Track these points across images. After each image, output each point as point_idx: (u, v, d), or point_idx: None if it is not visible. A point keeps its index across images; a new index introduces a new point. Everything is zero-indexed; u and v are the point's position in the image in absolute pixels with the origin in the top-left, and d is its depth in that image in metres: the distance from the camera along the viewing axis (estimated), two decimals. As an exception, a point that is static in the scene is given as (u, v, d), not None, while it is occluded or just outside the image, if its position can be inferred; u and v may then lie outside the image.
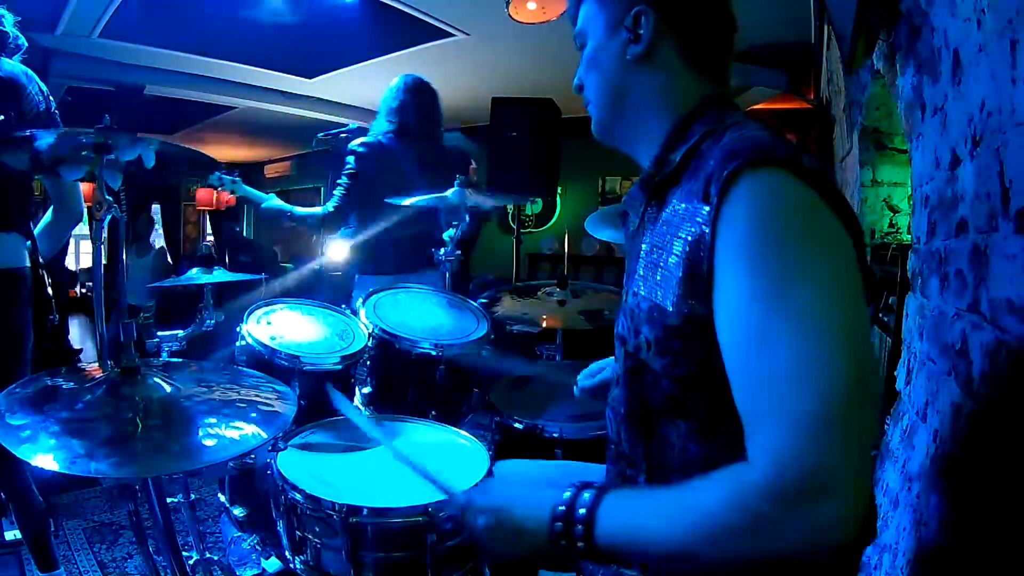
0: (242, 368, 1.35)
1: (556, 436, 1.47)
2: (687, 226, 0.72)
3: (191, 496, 1.59)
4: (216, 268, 1.73)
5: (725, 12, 0.85)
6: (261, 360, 1.51)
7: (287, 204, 2.48)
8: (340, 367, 1.59)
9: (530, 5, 3.33)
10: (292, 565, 1.18)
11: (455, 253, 2.02)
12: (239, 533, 1.52)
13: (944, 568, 0.94)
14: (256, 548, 1.46)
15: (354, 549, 1.07)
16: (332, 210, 2.37)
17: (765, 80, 3.73)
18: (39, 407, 0.94)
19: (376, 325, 1.68)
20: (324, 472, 1.20)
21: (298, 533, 1.13)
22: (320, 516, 1.09)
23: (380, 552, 1.08)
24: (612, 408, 0.89)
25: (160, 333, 1.47)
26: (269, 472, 1.21)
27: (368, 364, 1.69)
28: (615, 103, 0.87)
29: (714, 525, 0.60)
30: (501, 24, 3.56)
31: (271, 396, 1.11)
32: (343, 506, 1.06)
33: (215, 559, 1.55)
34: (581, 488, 0.71)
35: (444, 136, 2.58)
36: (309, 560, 1.14)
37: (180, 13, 3.83)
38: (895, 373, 1.44)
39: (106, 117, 1.23)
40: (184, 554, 1.32)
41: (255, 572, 1.55)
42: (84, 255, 7.88)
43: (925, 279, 1.24)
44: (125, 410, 0.96)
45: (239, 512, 1.50)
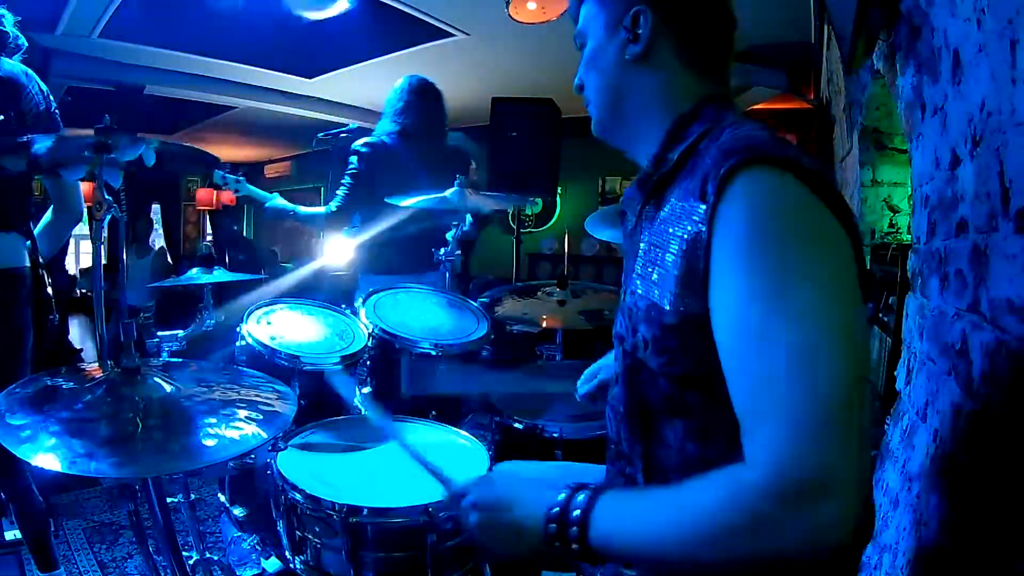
0: (242, 368, 1.35)
1: (556, 436, 1.47)
2: (684, 224, 0.72)
3: (191, 496, 1.59)
4: (216, 268, 1.73)
5: (725, 12, 0.84)
6: (261, 360, 1.51)
7: (291, 204, 2.48)
8: (340, 367, 1.59)
9: (530, 5, 3.33)
10: (292, 565, 1.18)
11: (455, 253, 2.02)
12: (239, 533, 1.52)
13: (944, 568, 0.94)
14: (256, 548, 1.46)
15: (354, 549, 1.07)
16: (335, 210, 2.36)
17: (765, 80, 3.73)
18: (39, 407, 0.94)
19: (376, 325, 1.68)
20: (324, 472, 1.20)
21: (298, 533, 1.13)
22: (320, 516, 1.09)
23: (380, 552, 1.08)
24: (611, 407, 0.89)
25: (160, 333, 1.47)
26: (269, 472, 1.21)
27: (368, 364, 1.69)
28: (614, 103, 0.87)
29: (711, 525, 0.60)
30: (501, 24, 3.56)
31: (271, 396, 1.11)
32: (343, 506, 1.06)
33: (215, 559, 1.55)
34: (576, 490, 0.70)
35: (449, 136, 2.58)
36: (309, 560, 1.14)
37: (180, 13, 3.83)
38: (895, 373, 1.44)
39: (106, 117, 1.22)
40: (184, 554, 1.32)
41: (255, 572, 1.55)
42: (84, 255, 7.89)
43: (925, 279, 1.24)
44: (125, 410, 0.96)
45: (239, 512, 1.50)
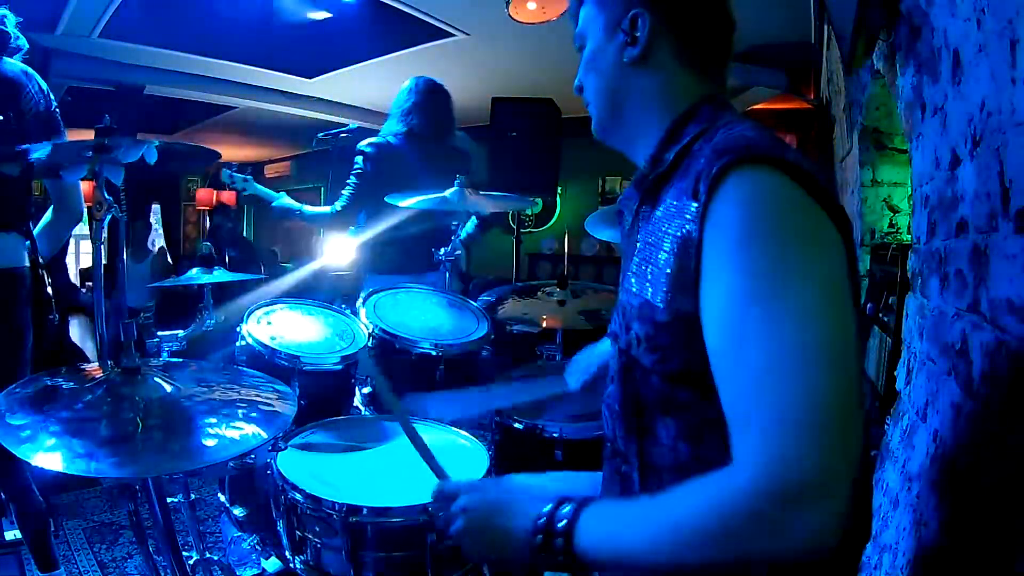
0: (242, 368, 1.35)
1: (556, 436, 1.47)
2: (676, 223, 0.72)
3: (191, 496, 1.59)
4: (216, 268, 1.73)
5: (723, 13, 0.84)
6: (261, 360, 1.51)
7: (297, 203, 2.50)
8: (340, 367, 1.59)
9: (530, 5, 3.33)
10: (292, 565, 1.18)
11: (455, 253, 2.02)
12: (239, 533, 1.52)
13: (944, 568, 0.94)
14: (256, 548, 1.46)
15: (354, 549, 1.07)
16: (340, 209, 2.38)
17: (765, 80, 3.72)
18: (39, 407, 0.94)
19: (376, 325, 1.68)
20: (324, 472, 1.20)
21: (298, 533, 1.13)
22: (320, 516, 1.09)
23: (380, 552, 1.08)
24: (607, 405, 0.89)
25: (160, 333, 1.47)
26: (269, 472, 1.21)
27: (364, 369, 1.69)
28: (613, 104, 0.87)
29: (698, 530, 0.59)
30: (501, 24, 3.56)
31: (271, 396, 1.11)
32: (343, 506, 1.06)
33: (215, 559, 1.55)
34: (560, 502, 0.70)
35: (458, 137, 2.59)
36: (309, 560, 1.14)
37: (180, 13, 3.83)
38: (895, 373, 1.44)
39: (106, 117, 1.22)
40: (184, 554, 1.32)
41: (255, 572, 1.55)
42: (84, 255, 7.89)
43: (925, 279, 1.24)
44: (125, 410, 0.96)
45: (239, 512, 1.50)
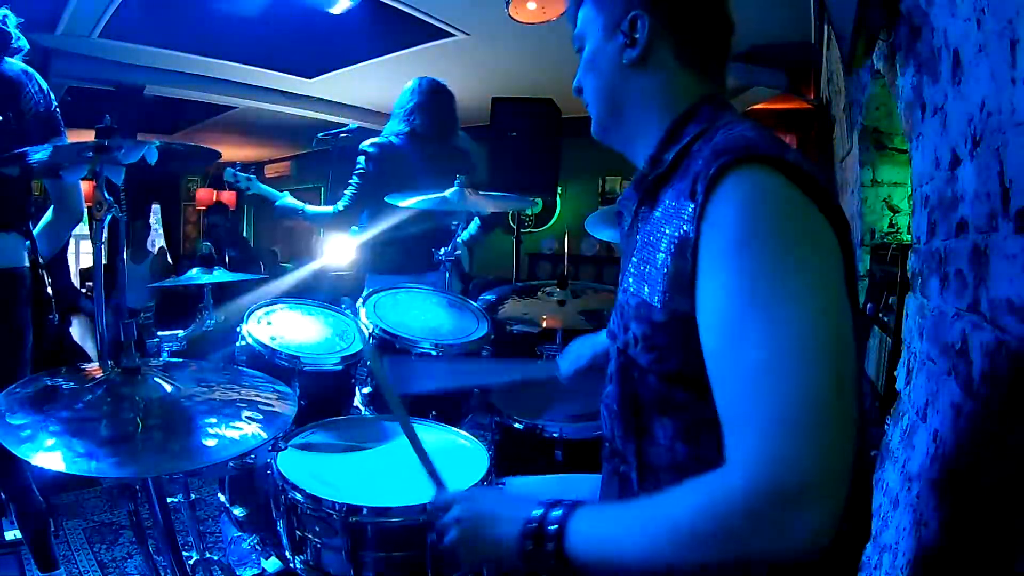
0: (242, 368, 1.35)
1: (556, 436, 1.47)
2: (674, 223, 0.72)
3: (191, 496, 1.59)
4: (216, 268, 1.73)
5: (722, 14, 0.85)
6: (261, 360, 1.51)
7: (299, 203, 2.51)
8: (340, 367, 1.59)
9: (530, 5, 3.33)
10: (292, 565, 1.18)
11: (455, 253, 2.02)
12: (239, 533, 1.52)
13: (944, 568, 0.94)
14: (256, 548, 1.46)
15: (354, 549, 1.07)
16: (342, 209, 2.39)
17: (765, 80, 3.72)
18: (39, 407, 0.93)
19: (376, 325, 1.68)
20: (324, 472, 1.20)
21: (298, 533, 1.13)
22: (320, 516, 1.09)
23: (380, 552, 1.08)
24: (605, 405, 0.89)
25: (160, 333, 1.47)
26: (269, 472, 1.21)
27: (368, 364, 1.69)
28: (613, 105, 0.87)
29: (690, 531, 0.59)
30: (501, 24, 3.56)
31: (271, 396, 1.11)
32: (343, 506, 1.06)
33: (215, 559, 1.55)
34: (551, 505, 0.70)
35: (461, 137, 2.59)
36: (309, 560, 1.14)
37: (180, 13, 3.83)
38: (895, 373, 1.44)
39: (106, 117, 1.22)
40: (184, 554, 1.32)
41: (255, 572, 1.55)
42: (84, 255, 7.89)
43: (925, 279, 1.24)
44: (125, 410, 0.96)
45: (239, 512, 1.50)
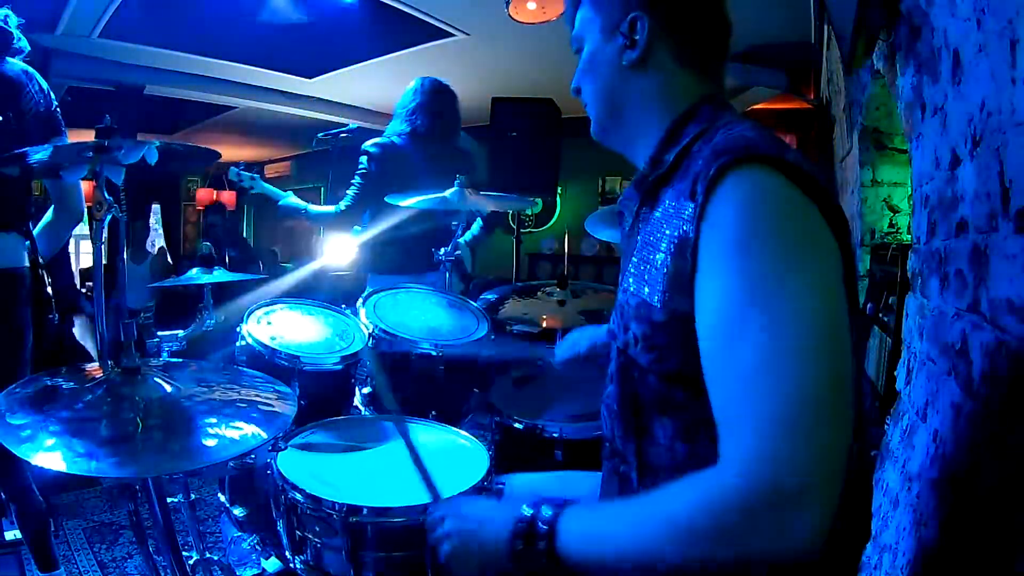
0: (242, 368, 1.35)
1: (556, 436, 1.47)
2: (674, 223, 0.72)
3: (191, 496, 1.59)
4: (216, 268, 1.73)
5: (720, 15, 0.85)
6: (261, 360, 1.51)
7: (303, 202, 2.52)
8: (340, 367, 1.59)
9: (530, 5, 3.34)
10: (292, 565, 1.18)
11: (455, 253, 2.02)
12: (239, 533, 1.52)
13: (944, 568, 0.94)
14: (256, 548, 1.46)
15: (354, 549, 1.07)
16: (345, 209, 2.40)
17: (765, 80, 3.73)
18: (39, 407, 0.93)
19: (376, 325, 1.68)
20: (324, 472, 1.20)
21: (298, 533, 1.13)
22: (320, 516, 1.09)
23: (380, 552, 1.08)
24: (606, 405, 0.89)
25: (160, 333, 1.47)
26: (269, 472, 1.21)
27: (368, 364, 1.69)
28: (612, 106, 0.87)
29: (682, 528, 0.59)
30: (501, 24, 3.56)
31: (271, 396, 1.11)
32: (343, 506, 1.06)
33: (215, 559, 1.55)
34: (541, 504, 0.70)
35: (462, 138, 2.60)
36: (309, 560, 1.14)
37: (180, 13, 3.83)
38: (895, 373, 1.44)
39: (106, 117, 1.22)
40: (184, 554, 1.32)
41: (255, 572, 1.55)
42: (84, 255, 7.90)
43: (925, 279, 1.24)
44: (125, 410, 0.96)
45: (239, 512, 1.50)
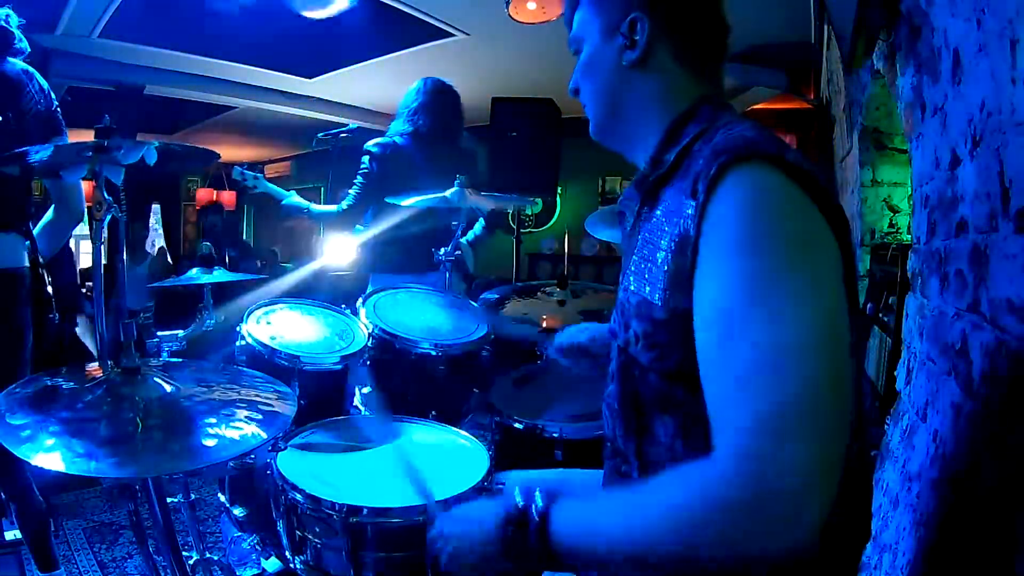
0: (242, 368, 1.35)
1: (556, 436, 1.47)
2: (675, 221, 0.73)
3: (191, 496, 1.59)
4: (216, 268, 1.73)
5: (719, 16, 0.86)
6: (261, 360, 1.51)
7: (305, 202, 2.53)
8: (340, 367, 1.59)
9: (530, 5, 3.34)
10: (292, 565, 1.18)
11: (455, 253, 2.02)
12: (239, 533, 1.52)
13: (944, 568, 0.94)
14: (256, 548, 1.46)
15: (354, 549, 1.07)
16: (347, 208, 2.41)
17: (765, 80, 3.73)
18: (39, 407, 0.93)
19: (376, 325, 1.68)
20: (324, 472, 1.20)
21: (298, 533, 1.13)
22: (320, 516, 1.09)
23: (380, 552, 1.08)
24: (607, 404, 0.89)
25: (160, 333, 1.47)
26: (269, 472, 1.21)
27: (368, 364, 1.69)
28: (612, 107, 0.87)
29: (674, 520, 0.59)
30: (501, 24, 3.56)
31: (271, 396, 1.11)
32: (343, 506, 1.06)
33: (215, 559, 1.55)
34: (534, 493, 0.71)
35: (465, 137, 2.60)
36: (309, 560, 1.14)
37: (180, 13, 3.83)
38: (895, 373, 1.44)
39: (106, 117, 1.22)
40: (184, 554, 1.32)
41: (255, 572, 1.55)
42: (84, 255, 7.89)
43: (925, 279, 1.24)
44: (125, 410, 0.96)
45: (239, 512, 1.50)
